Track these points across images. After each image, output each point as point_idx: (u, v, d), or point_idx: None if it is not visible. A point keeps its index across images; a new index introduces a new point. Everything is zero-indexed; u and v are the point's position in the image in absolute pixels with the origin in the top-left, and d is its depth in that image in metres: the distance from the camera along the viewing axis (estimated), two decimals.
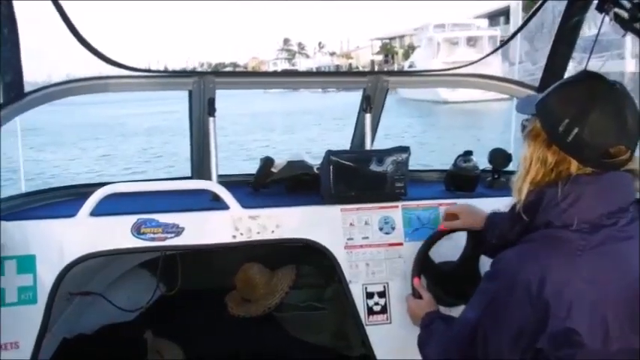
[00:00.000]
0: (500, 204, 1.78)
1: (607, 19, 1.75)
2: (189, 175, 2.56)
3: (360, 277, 2.13)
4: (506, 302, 1.26)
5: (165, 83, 2.31)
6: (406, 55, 53.32)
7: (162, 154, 15.24)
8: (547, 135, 1.28)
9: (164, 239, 2.00)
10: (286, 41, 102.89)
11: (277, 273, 2.91)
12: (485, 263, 1.81)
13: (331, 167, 2.11)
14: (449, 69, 2.50)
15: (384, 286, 2.14)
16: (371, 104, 2.47)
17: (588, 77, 1.30)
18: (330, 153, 2.13)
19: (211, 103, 2.28)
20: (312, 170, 2.37)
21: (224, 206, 2.07)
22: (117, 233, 1.98)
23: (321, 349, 2.61)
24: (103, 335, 2.60)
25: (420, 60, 33.74)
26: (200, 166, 2.44)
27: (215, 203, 2.11)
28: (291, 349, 2.61)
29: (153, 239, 1.99)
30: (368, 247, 2.15)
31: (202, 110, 2.33)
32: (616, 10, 1.72)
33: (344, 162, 2.12)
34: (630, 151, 1.26)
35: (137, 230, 1.98)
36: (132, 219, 1.99)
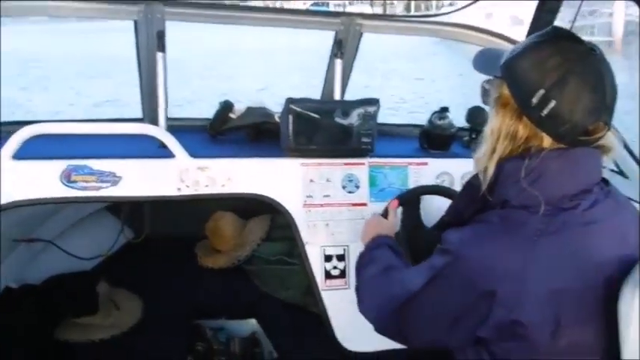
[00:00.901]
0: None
1: None
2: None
3: (318, 238, 1.98)
4: (449, 283, 1.12)
5: (106, 10, 2.06)
6: None
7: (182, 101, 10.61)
8: (518, 105, 1.09)
9: (98, 189, 1.80)
10: None
11: (250, 223, 2.77)
12: None
13: (290, 117, 1.92)
14: (433, 15, 2.28)
15: (344, 249, 1.99)
16: (342, 49, 2.24)
17: (562, 38, 1.09)
18: (289, 101, 1.93)
19: (160, 36, 2.03)
20: (272, 119, 2.18)
21: (169, 155, 1.88)
22: (43, 180, 1.78)
23: (289, 305, 2.50)
24: (51, 285, 2.45)
25: None
26: (151, 107, 2.23)
27: (161, 151, 1.92)
28: (259, 304, 2.50)
29: (85, 188, 1.79)
30: (329, 206, 1.99)
31: (150, 44, 2.09)
32: None
33: (305, 112, 1.93)
34: (607, 127, 1.09)
35: (67, 178, 1.79)
36: (62, 165, 1.79)
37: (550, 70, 1.05)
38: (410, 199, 1.79)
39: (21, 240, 2.38)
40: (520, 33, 2.04)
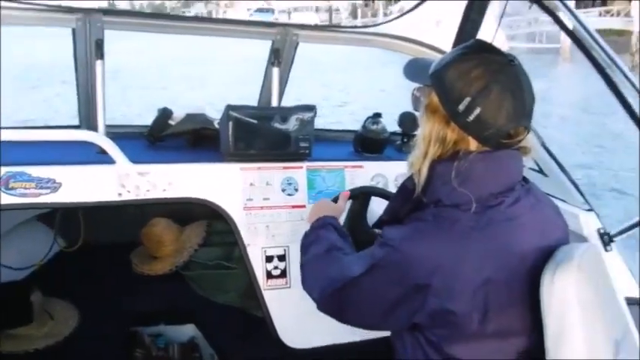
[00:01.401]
0: (406, 168, 1.72)
1: None
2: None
3: (259, 239, 2.03)
4: (386, 274, 1.22)
5: (43, 18, 2.03)
6: None
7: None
8: (446, 112, 1.21)
9: (37, 195, 1.78)
10: None
11: (186, 229, 2.78)
12: None
13: (230, 123, 1.97)
14: (370, 25, 2.39)
15: (285, 250, 2.05)
16: (279, 58, 2.33)
17: (484, 50, 1.22)
18: (229, 108, 1.98)
19: (99, 44, 2.04)
20: (212, 125, 2.22)
21: (109, 160, 1.89)
22: None
23: (229, 308, 2.52)
24: None
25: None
26: (88, 115, 2.22)
27: (100, 157, 1.92)
28: (198, 309, 2.51)
29: (24, 195, 1.77)
30: (268, 208, 2.05)
31: (89, 52, 2.09)
32: None
33: (244, 118, 1.98)
34: (527, 130, 1.21)
35: (5, 185, 1.75)
36: None
37: (475, 80, 1.16)
38: (360, 195, 1.90)
39: None
40: None
